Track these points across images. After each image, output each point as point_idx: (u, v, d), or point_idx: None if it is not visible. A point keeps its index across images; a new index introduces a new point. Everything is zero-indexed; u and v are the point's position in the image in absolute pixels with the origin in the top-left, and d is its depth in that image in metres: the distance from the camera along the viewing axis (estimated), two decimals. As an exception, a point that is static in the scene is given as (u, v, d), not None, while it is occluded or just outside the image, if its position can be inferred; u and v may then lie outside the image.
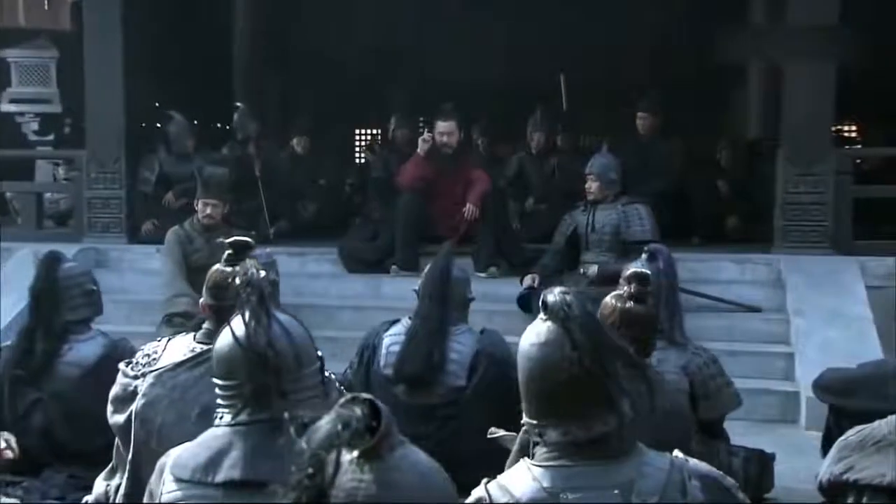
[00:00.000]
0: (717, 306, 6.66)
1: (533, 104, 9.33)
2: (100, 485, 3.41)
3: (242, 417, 2.25)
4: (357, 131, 14.77)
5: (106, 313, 4.82)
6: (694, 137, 10.05)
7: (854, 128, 11.11)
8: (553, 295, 2.11)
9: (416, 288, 4.46)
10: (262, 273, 2.36)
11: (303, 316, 2.48)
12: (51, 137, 10.09)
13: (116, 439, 3.41)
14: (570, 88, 9.79)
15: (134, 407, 3.23)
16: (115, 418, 3.34)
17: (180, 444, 3.11)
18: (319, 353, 2.44)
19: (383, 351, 4.32)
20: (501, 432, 3.79)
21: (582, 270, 6.72)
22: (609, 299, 3.26)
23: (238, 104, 9.27)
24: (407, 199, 7.50)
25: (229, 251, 3.39)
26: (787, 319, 6.47)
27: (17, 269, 7.82)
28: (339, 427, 1.33)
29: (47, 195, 9.35)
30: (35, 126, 10.02)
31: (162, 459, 2.35)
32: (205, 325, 3.34)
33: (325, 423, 1.36)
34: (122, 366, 3.37)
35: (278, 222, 8.90)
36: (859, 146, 10.35)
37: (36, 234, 8.70)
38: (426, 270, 4.44)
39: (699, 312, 6.35)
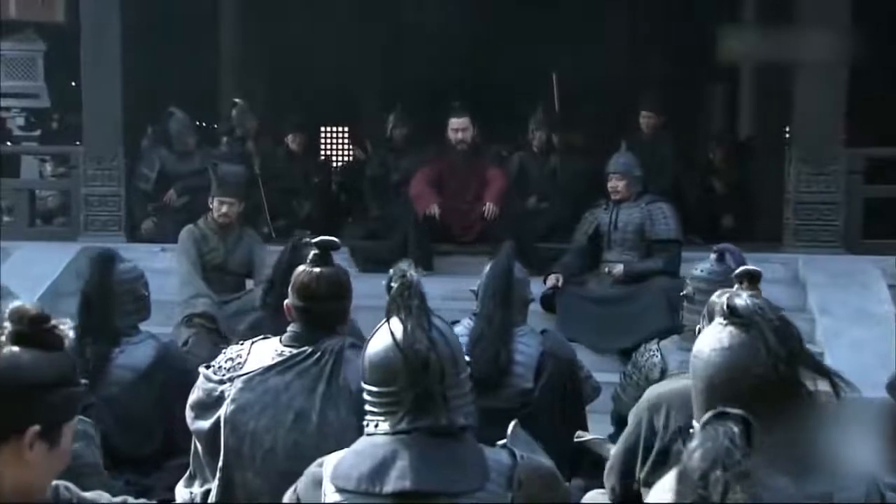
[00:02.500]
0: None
1: (521, 103, 9.30)
2: (182, 492, 3.28)
3: (403, 425, 2.16)
4: (322, 129, 14.63)
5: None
6: (685, 137, 10.12)
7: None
8: (741, 299, 2.05)
9: (474, 288, 4.38)
10: (417, 275, 2.27)
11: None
12: (37, 133, 9.82)
13: (194, 445, 3.29)
14: (562, 88, 9.74)
15: (222, 413, 3.11)
16: (198, 424, 3.21)
17: (273, 449, 3.04)
18: (467, 358, 2.36)
19: (443, 353, 4.22)
20: (588, 436, 3.75)
21: (606, 269, 6.68)
22: (718, 299, 3.18)
23: (236, 100, 9.13)
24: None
25: (315, 251, 3.27)
26: (811, 318, 6.48)
27: (14, 269, 7.60)
28: (727, 444, 1.24)
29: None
30: (21, 121, 9.75)
31: (313, 469, 2.25)
32: (290, 328, 3.23)
33: (703, 442, 1.28)
34: (203, 370, 3.25)
35: (276, 221, 8.78)
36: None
37: (29, 232, 8.49)
38: (487, 270, 4.35)
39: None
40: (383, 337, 2.21)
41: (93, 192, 8.34)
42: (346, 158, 12.89)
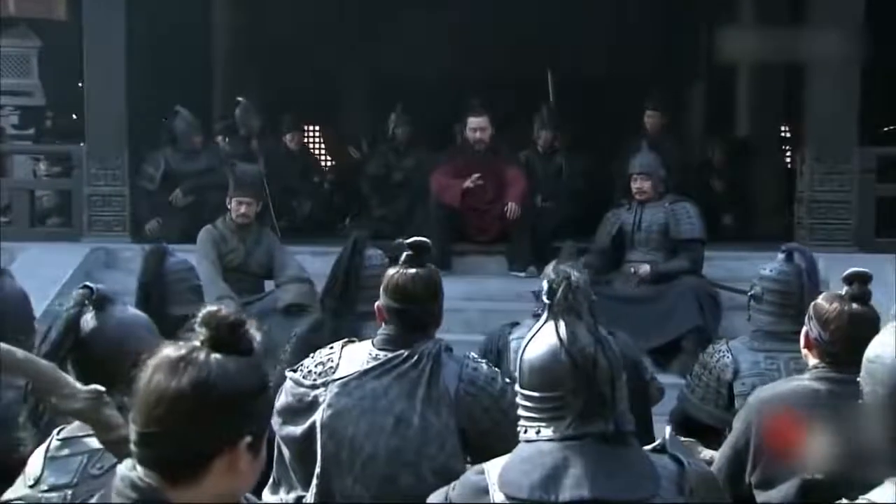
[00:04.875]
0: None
1: (520, 103, 9.26)
2: (271, 499, 3.20)
3: (571, 431, 2.10)
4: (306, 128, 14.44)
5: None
6: (684, 135, 10.15)
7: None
8: (925, 298, 2.01)
9: (536, 290, 4.32)
10: (580, 277, 2.23)
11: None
12: (31, 132, 9.59)
13: (278, 450, 3.20)
14: (558, 86, 9.71)
15: (318, 418, 3.04)
16: (288, 430, 3.12)
17: (373, 454, 2.96)
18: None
19: (511, 355, 4.15)
20: (679, 438, 3.70)
21: (633, 270, 6.66)
22: (827, 302, 3.16)
23: (239, 98, 9.01)
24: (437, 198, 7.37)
25: (408, 252, 3.20)
26: (838, 317, 6.48)
27: (22, 271, 7.41)
28: None
29: (27, 192, 8.91)
30: (14, 119, 9.51)
31: (472, 477, 2.19)
32: (382, 331, 3.16)
33: None
34: (290, 374, 3.17)
35: (280, 220, 8.68)
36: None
37: (31, 233, 8.32)
38: (548, 270, 4.29)
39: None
40: (547, 340, 2.16)
41: (96, 192, 8.21)
42: (330, 158, 12.68)
